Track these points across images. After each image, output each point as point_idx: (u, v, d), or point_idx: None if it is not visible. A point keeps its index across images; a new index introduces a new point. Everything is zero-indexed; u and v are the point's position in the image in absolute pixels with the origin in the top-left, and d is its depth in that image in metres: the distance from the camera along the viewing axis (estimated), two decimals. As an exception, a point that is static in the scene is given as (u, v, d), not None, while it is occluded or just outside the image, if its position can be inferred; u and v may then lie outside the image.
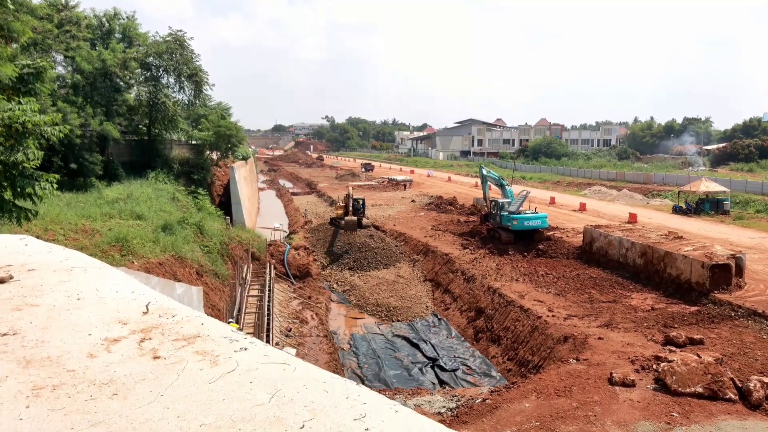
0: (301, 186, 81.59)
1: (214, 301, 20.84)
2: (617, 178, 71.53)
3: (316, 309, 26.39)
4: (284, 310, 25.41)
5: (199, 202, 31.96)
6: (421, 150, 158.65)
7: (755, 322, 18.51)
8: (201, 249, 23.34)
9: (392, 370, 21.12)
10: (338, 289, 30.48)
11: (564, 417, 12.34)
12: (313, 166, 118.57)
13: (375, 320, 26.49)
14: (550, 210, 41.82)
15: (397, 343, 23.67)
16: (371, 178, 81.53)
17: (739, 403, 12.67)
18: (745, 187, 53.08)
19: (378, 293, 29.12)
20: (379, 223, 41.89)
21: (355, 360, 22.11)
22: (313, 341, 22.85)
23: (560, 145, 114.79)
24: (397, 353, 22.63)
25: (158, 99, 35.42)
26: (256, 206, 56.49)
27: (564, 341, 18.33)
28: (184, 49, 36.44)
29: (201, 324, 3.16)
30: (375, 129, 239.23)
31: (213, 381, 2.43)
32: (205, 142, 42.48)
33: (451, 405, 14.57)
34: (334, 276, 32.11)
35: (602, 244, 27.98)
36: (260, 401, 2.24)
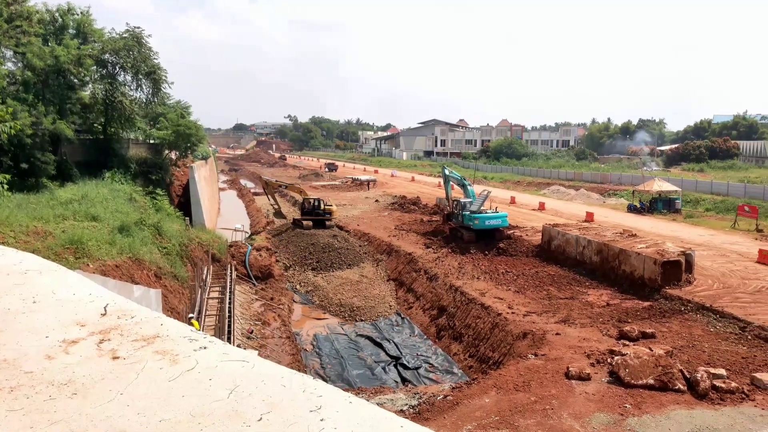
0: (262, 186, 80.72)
1: (174, 304, 20.53)
2: (575, 178, 73.18)
3: (278, 310, 26.25)
4: (246, 311, 25.19)
5: (158, 203, 31.36)
6: (385, 150, 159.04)
7: (703, 316, 19.28)
8: (159, 251, 22.94)
9: (355, 369, 21.20)
10: (301, 290, 30.38)
11: (523, 411, 12.65)
12: (275, 165, 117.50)
13: (338, 320, 26.51)
14: (510, 209, 42.56)
15: (361, 343, 23.76)
16: (335, 178, 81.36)
17: (687, 394, 13.21)
18: (696, 187, 55.03)
19: (341, 293, 29.14)
20: (342, 223, 41.90)
21: (318, 360, 22.10)
22: (275, 343, 22.72)
23: (521, 146, 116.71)
24: (361, 353, 22.72)
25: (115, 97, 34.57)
26: (216, 207, 55.71)
27: (523, 337, 18.74)
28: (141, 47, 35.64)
29: (160, 324, 3.18)
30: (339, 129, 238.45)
31: (173, 379, 2.48)
32: (163, 142, 41.65)
33: (414, 402, 14.76)
34: (297, 277, 31.98)
35: (560, 243, 28.66)
36: (219, 397, 2.31)
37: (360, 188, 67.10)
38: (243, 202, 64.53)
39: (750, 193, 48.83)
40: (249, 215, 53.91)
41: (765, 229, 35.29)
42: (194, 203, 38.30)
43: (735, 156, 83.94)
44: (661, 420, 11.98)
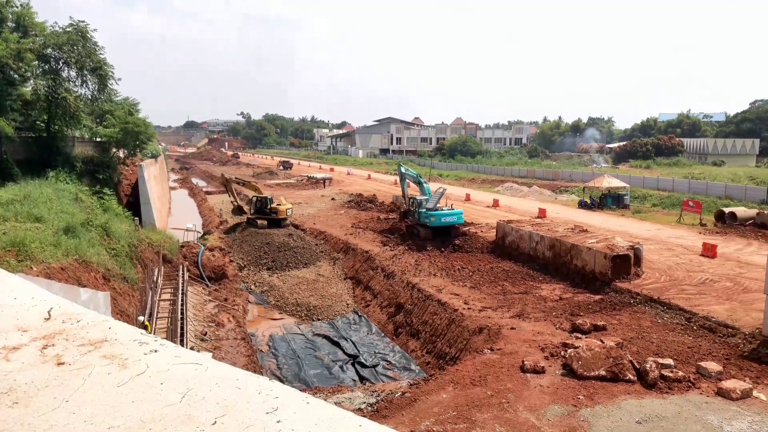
0: (215, 185, 79.18)
1: (123, 307, 19.91)
2: (528, 176, 74.66)
3: (232, 311, 25.81)
4: (199, 313, 24.67)
5: (105, 203, 30.36)
6: (341, 148, 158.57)
7: (651, 307, 19.96)
8: (108, 252, 22.21)
9: (313, 369, 21.05)
10: (256, 290, 29.94)
11: (479, 405, 12.80)
12: (228, 163, 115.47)
13: (295, 320, 26.27)
14: (465, 206, 43.06)
15: (318, 342, 23.60)
16: (290, 176, 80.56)
17: (637, 383, 13.63)
18: (643, 183, 57.02)
19: (298, 293, 28.88)
20: (298, 222, 41.53)
21: (274, 361, 21.85)
22: (230, 344, 22.34)
23: (475, 144, 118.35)
24: (318, 352, 22.57)
25: (58, 93, 33.23)
26: (167, 206, 54.38)
27: (479, 332, 18.98)
28: (86, 41, 34.35)
29: (108, 328, 3.06)
30: (293, 126, 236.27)
31: (122, 384, 2.39)
32: (111, 140, 40.35)
33: (372, 400, 14.75)
34: (251, 277, 31.51)
35: (514, 239, 29.16)
36: (171, 401, 2.24)
37: (316, 186, 66.67)
38: (195, 202, 63.18)
39: (694, 189, 50.92)
40: (201, 215, 52.82)
41: (708, 223, 36.83)
42: (144, 203, 37.27)
43: (679, 153, 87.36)
44: (612, 410, 12.32)
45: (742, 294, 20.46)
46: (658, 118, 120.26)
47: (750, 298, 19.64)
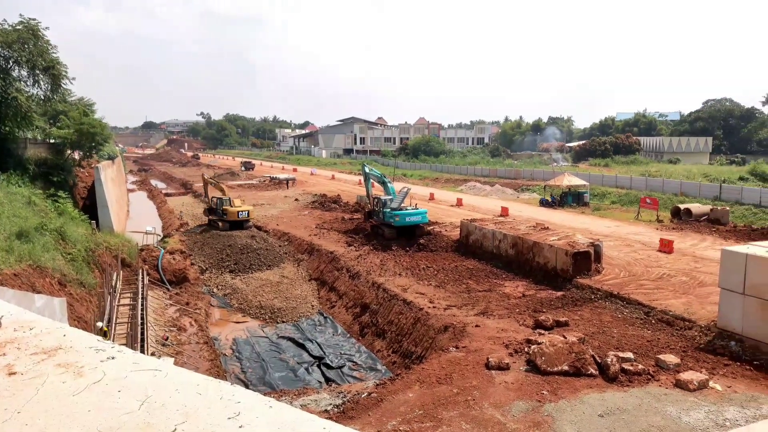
0: (175, 186, 77.87)
1: (81, 313, 19.33)
2: (490, 175, 75.58)
3: (195, 315, 25.34)
4: (160, 318, 24.14)
5: (60, 206, 29.40)
6: (304, 148, 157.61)
7: (612, 303, 20.42)
8: (63, 257, 21.53)
9: (278, 372, 20.83)
10: (219, 293, 29.47)
11: (446, 403, 12.86)
12: (188, 165, 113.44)
13: (259, 323, 25.96)
14: (429, 206, 43.33)
15: (283, 345, 23.38)
16: (252, 177, 79.62)
17: (599, 377, 13.92)
18: (602, 181, 58.38)
19: (261, 295, 28.54)
20: (261, 223, 41.07)
21: (238, 365, 21.54)
22: (192, 349, 21.92)
23: (438, 144, 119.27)
24: (283, 355, 22.36)
25: (8, 93, 32.01)
26: (125, 209, 53.05)
27: (444, 331, 19.08)
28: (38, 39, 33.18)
29: (63, 335, 2.97)
30: (255, 126, 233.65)
31: (77, 393, 2.32)
32: (65, 141, 39.11)
33: (338, 401, 14.67)
34: (213, 280, 31.00)
35: (477, 237, 29.46)
36: (129, 409, 2.19)
37: (279, 187, 66.07)
38: (154, 204, 61.81)
39: (651, 186, 52.42)
40: (161, 217, 51.69)
41: (665, 219, 37.94)
42: (101, 206, 36.26)
43: (637, 151, 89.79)
44: (575, 404, 12.54)
45: (697, 288, 21.13)
46: (616, 118, 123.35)
47: (705, 292, 20.29)
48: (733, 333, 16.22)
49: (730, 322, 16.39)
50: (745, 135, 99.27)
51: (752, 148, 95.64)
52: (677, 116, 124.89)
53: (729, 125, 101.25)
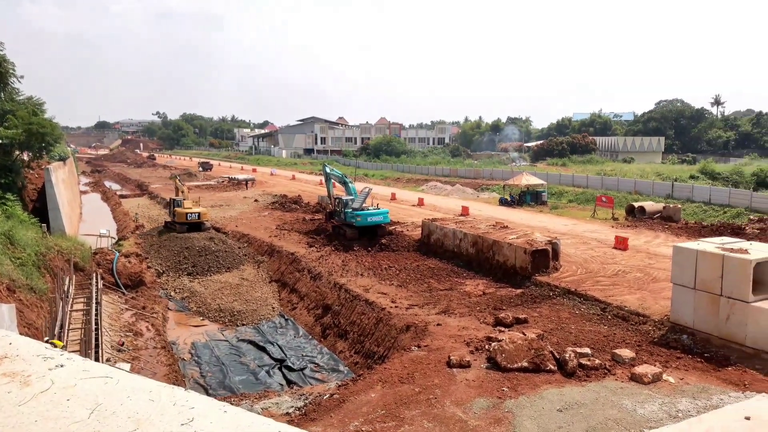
0: (130, 188, 76.01)
1: (31, 319, 18.63)
2: (451, 174, 76.28)
3: (152, 319, 24.72)
4: (115, 323, 23.45)
5: (9, 209, 28.30)
6: (264, 148, 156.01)
7: (569, 299, 20.81)
8: (12, 262, 20.72)
9: (238, 375, 20.49)
10: (176, 297, 28.83)
11: (408, 402, 12.85)
12: (143, 165, 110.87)
13: (218, 326, 25.51)
14: (391, 206, 43.41)
15: (243, 348, 23.03)
16: (210, 178, 78.30)
17: (557, 373, 14.14)
18: (559, 180, 59.60)
19: (221, 298, 28.06)
20: (220, 225, 40.41)
21: (197, 369, 21.10)
22: (149, 354, 21.37)
23: (399, 144, 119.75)
24: (243, 358, 22.01)
25: (-49, 92, 30.68)
26: (78, 211, 51.43)
27: (406, 330, 19.10)
28: (-18, 36, 31.91)
29: (9, 344, 2.91)
30: (213, 126, 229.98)
31: (23, 403, 2.26)
32: (13, 142, 37.58)
33: (300, 404, 14.50)
34: (171, 283, 30.31)
35: (439, 236, 29.63)
36: (79, 418, 2.15)
37: (238, 188, 65.17)
38: (108, 206, 60.14)
39: (606, 185, 53.78)
40: (116, 219, 50.31)
41: (620, 217, 38.94)
42: (52, 208, 35.04)
43: (593, 151, 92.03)
44: (535, 400, 12.70)
45: (651, 283, 21.71)
46: (573, 118, 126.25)
47: (659, 287, 20.86)
48: (685, 327, 16.71)
49: (682, 317, 16.88)
50: (696, 135, 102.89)
51: (702, 148, 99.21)
52: (631, 116, 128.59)
53: (680, 125, 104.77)
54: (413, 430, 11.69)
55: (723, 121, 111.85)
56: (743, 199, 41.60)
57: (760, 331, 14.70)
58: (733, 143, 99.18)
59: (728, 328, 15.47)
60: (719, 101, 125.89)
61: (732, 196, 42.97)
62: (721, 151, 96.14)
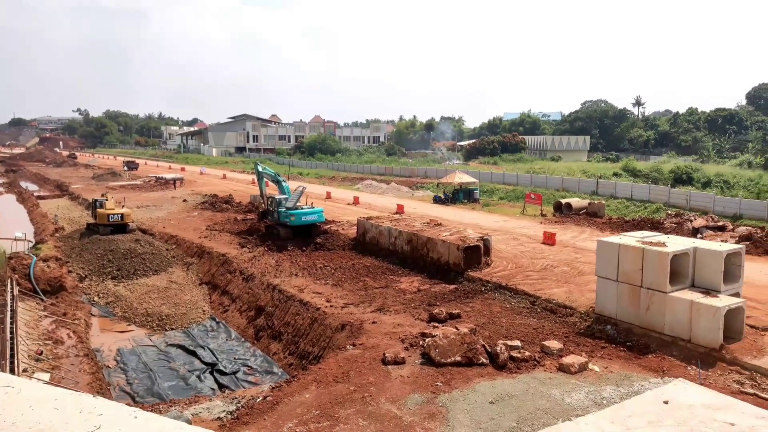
0: (49, 188, 72.03)
1: (-65, 330, 17.23)
2: (386, 173, 76.73)
3: (73, 326, 23.45)
4: (33, 331, 22.08)
5: None
6: (193, 146, 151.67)
7: (501, 294, 21.30)
8: None
9: (167, 381, 19.79)
10: (100, 302, 27.52)
11: (343, 401, 12.76)
12: (63, 165, 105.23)
13: (146, 331, 24.54)
14: (326, 204, 43.12)
15: (172, 353, 22.26)
16: (136, 177, 75.25)
17: (489, 366, 14.42)
18: (491, 178, 61.12)
19: (148, 302, 27.01)
20: (146, 226, 38.91)
21: (123, 377, 20.23)
22: (71, 362, 20.26)
23: (334, 142, 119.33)
24: (172, 363, 21.27)
25: None
26: (-9, 214, 48.17)
27: (342, 329, 18.99)
28: None
29: None
30: (138, 123, 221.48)
31: None
32: None
33: (232, 408, 14.11)
34: (94, 287, 28.91)
35: (374, 234, 29.67)
36: None
37: (165, 187, 62.97)
38: (25, 208, 56.73)
39: (535, 183, 55.59)
40: (33, 222, 47.44)
41: (548, 213, 40.26)
42: (-40, 210, 32.68)
43: (522, 150, 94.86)
44: (468, 393, 12.89)
45: (578, 277, 22.55)
46: (503, 118, 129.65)
47: (584, 280, 21.68)
48: (609, 317, 17.43)
49: (606, 308, 17.60)
50: (619, 134, 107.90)
51: (625, 146, 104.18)
52: (559, 116, 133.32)
53: (604, 125, 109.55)
54: (348, 428, 11.61)
55: (644, 121, 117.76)
56: (662, 195, 44.02)
57: (676, 320, 15.52)
58: (653, 142, 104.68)
59: (648, 318, 16.25)
60: (640, 102, 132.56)
61: (652, 192, 45.37)
62: (642, 150, 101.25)
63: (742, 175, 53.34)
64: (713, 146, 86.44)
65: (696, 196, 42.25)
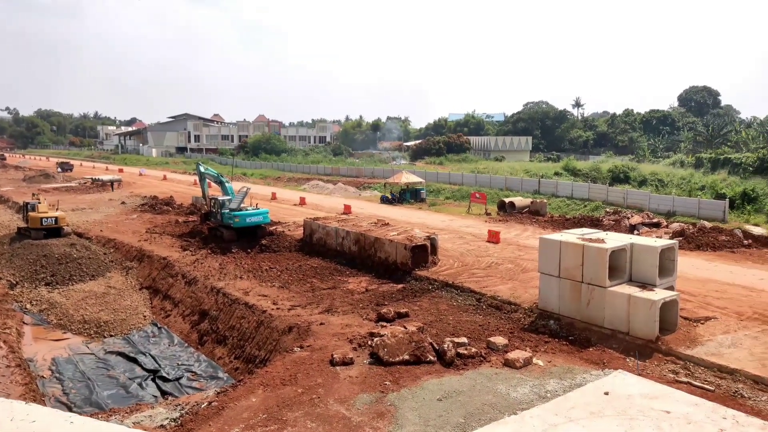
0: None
1: None
2: (333, 173, 76.39)
3: (4, 336, 22.24)
4: (-42, 341, 20.81)
5: None
6: (131, 147, 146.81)
7: (447, 292, 21.52)
8: None
9: (107, 390, 19.03)
10: (33, 310, 26.19)
11: (291, 404, 12.57)
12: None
13: (83, 339, 23.53)
14: (272, 205, 42.50)
15: (112, 361, 21.41)
16: (70, 179, 72.13)
17: (437, 363, 14.52)
18: (437, 178, 61.81)
19: (85, 308, 25.90)
20: (82, 230, 37.36)
21: (59, 387, 19.31)
22: (1, 374, 19.20)
23: (279, 142, 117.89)
24: (112, 371, 20.47)
25: None
26: None
27: (289, 331, 18.73)
28: None
29: None
30: (73, 123, 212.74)
31: None
32: None
33: (175, 415, 13.66)
34: (26, 295, 27.49)
35: (321, 235, 29.44)
36: None
37: (103, 189, 60.63)
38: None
39: (480, 182, 56.58)
40: (-42, 227, 44.79)
41: (492, 212, 41.01)
42: None
43: (467, 150, 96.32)
44: (416, 391, 12.94)
45: (521, 274, 23.03)
46: (449, 118, 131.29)
47: (528, 277, 22.17)
48: (552, 313, 17.88)
49: (549, 303, 18.05)
50: (559, 134, 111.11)
51: (565, 146, 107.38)
52: (502, 117, 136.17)
53: (546, 125, 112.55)
54: (296, 431, 11.45)
55: (583, 121, 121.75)
56: (600, 194, 45.60)
57: (615, 314, 16.07)
58: (592, 142, 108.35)
59: (589, 312, 16.76)
60: (579, 103, 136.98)
61: (591, 191, 46.95)
62: (581, 150, 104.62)
63: (675, 174, 55.91)
64: (648, 146, 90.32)
65: (633, 194, 43.98)
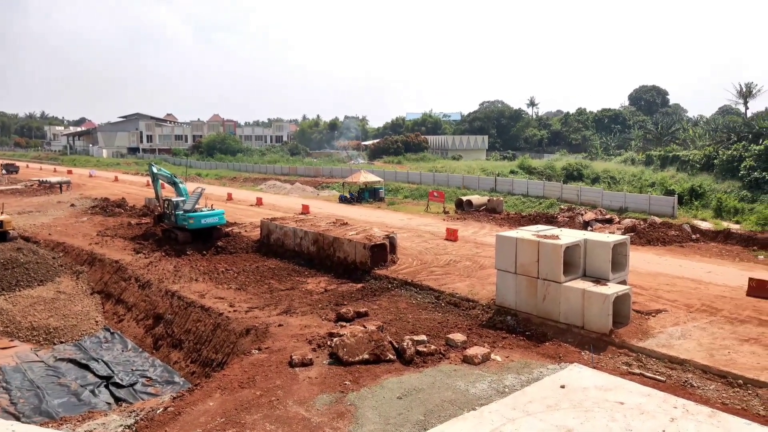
0: None
1: None
2: (290, 173, 75.73)
3: (-56, 345, 21.25)
4: None
5: None
6: (80, 147, 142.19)
7: (407, 290, 21.63)
8: None
9: (57, 398, 18.36)
10: (-23, 317, 25.06)
11: (249, 407, 12.41)
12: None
13: (31, 346, 22.64)
14: (227, 206, 41.87)
15: (62, 368, 20.68)
16: (16, 181, 69.32)
17: (397, 362, 14.58)
18: (395, 177, 62.00)
19: (33, 314, 24.92)
20: (29, 234, 35.98)
21: (6, 396, 18.53)
22: (-58, 385, 18.35)
23: (235, 141, 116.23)
24: (63, 379, 19.77)
25: None
26: None
27: (246, 334, 18.48)
28: None
29: None
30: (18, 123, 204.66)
31: None
32: None
33: (130, 422, 13.31)
34: (-31, 301, 26.28)
35: (279, 236, 29.15)
36: None
37: (51, 192, 58.52)
38: None
39: (438, 181, 57.01)
40: None
41: (450, 210, 41.41)
42: None
43: (425, 149, 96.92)
44: (376, 390, 12.95)
45: (479, 271, 23.34)
46: (406, 118, 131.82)
47: (485, 274, 22.48)
48: (509, 309, 18.18)
49: (506, 299, 18.34)
50: (515, 133, 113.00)
51: (520, 145, 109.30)
52: (459, 116, 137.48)
53: (501, 124, 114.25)
54: (255, 435, 11.31)
55: (537, 120, 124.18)
56: (555, 191, 46.61)
57: (570, 308, 16.46)
58: (546, 141, 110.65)
59: (545, 307, 17.11)
60: (534, 103, 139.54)
61: (546, 188, 47.92)
62: (536, 148, 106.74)
63: (627, 171, 57.65)
64: (600, 144, 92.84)
65: (586, 191, 45.14)
